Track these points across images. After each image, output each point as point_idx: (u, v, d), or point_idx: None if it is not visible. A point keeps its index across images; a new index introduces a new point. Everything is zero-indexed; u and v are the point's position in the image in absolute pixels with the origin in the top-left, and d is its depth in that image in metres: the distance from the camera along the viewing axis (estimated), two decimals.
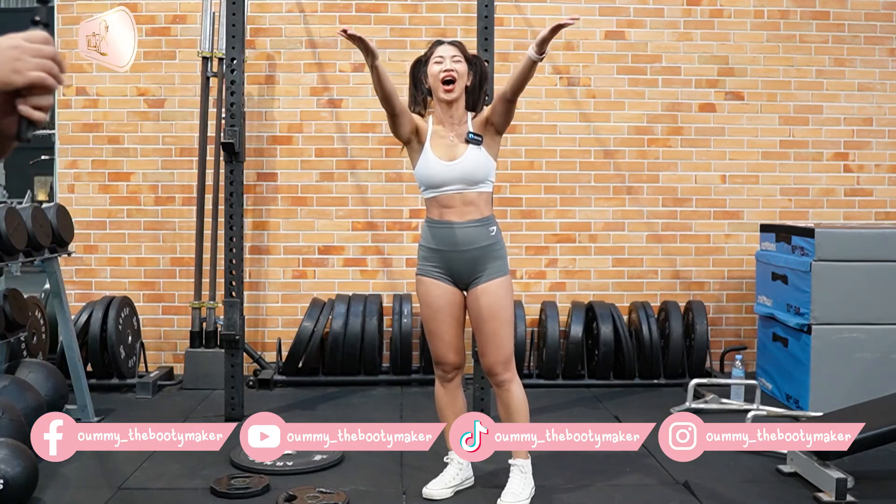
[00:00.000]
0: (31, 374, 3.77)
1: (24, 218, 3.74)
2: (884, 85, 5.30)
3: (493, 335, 3.02)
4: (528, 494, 3.08)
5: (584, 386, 4.81)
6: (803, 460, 3.23)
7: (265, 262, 5.18)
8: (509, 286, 3.06)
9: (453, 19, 5.14)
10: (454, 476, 3.17)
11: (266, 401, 4.49)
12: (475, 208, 3.01)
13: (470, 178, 2.99)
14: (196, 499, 3.09)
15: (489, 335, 3.02)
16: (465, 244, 3.00)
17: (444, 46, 3.08)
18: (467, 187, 3.00)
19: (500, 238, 3.06)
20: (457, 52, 3.04)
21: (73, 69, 5.08)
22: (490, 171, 3.03)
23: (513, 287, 3.15)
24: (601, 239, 5.25)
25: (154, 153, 5.14)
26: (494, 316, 3.01)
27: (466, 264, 3.02)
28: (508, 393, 3.08)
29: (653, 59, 5.22)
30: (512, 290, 3.11)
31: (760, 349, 4.85)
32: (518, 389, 3.10)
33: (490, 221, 3.04)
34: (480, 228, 3.00)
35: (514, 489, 3.06)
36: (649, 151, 5.25)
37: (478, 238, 3.00)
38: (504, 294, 3.03)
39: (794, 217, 5.26)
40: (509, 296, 3.07)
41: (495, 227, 3.05)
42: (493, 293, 3.00)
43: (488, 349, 3.04)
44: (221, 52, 4.78)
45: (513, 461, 3.10)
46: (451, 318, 3.09)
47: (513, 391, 3.08)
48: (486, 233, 3.01)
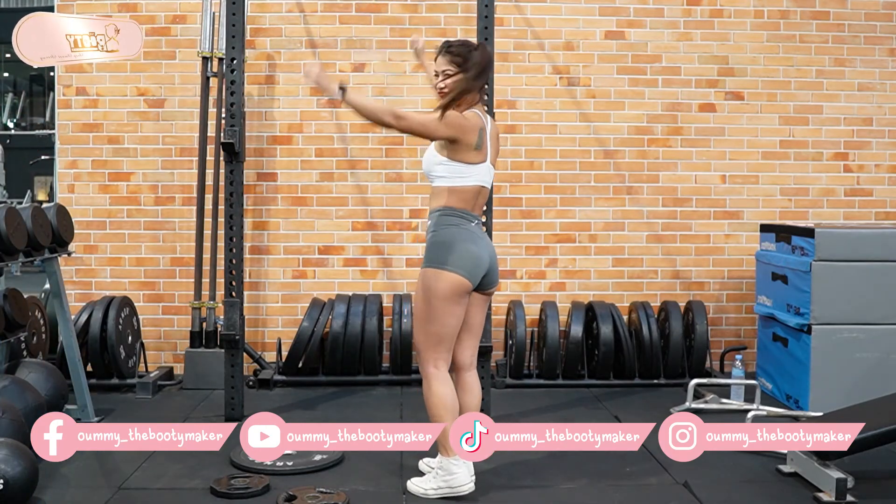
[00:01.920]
0: (31, 374, 3.77)
1: (24, 218, 3.74)
2: (884, 85, 5.30)
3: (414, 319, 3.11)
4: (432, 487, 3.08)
5: (584, 386, 4.81)
6: (803, 460, 3.23)
7: (265, 262, 5.18)
8: (428, 278, 3.00)
9: (453, 19, 5.14)
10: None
11: (266, 401, 4.49)
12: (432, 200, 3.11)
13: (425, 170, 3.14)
14: (196, 499, 3.09)
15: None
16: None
17: (440, 58, 3.10)
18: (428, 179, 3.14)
19: (430, 231, 3.07)
20: (447, 65, 3.06)
21: (72, 69, 5.08)
22: (432, 166, 3.05)
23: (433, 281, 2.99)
24: (601, 239, 5.25)
25: (154, 153, 5.14)
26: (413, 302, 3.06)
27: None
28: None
29: (653, 59, 5.22)
30: (431, 283, 2.99)
31: (760, 349, 4.85)
32: (424, 384, 3.08)
33: (431, 214, 3.08)
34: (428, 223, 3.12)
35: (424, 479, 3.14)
36: (649, 151, 5.25)
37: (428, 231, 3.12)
38: (420, 286, 3.05)
39: (794, 217, 5.26)
40: (424, 288, 3.02)
41: (433, 220, 3.07)
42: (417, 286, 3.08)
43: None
44: (221, 52, 4.78)
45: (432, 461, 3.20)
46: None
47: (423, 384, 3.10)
48: (428, 226, 3.11)
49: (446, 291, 2.99)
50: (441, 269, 2.99)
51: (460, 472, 3.05)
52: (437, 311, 3.01)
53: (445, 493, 3.06)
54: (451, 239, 3.02)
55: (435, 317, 3.02)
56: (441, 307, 3.00)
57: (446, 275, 2.98)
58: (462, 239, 3.02)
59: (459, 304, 3.03)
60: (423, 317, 3.05)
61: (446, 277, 2.99)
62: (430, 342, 3.05)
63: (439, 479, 3.08)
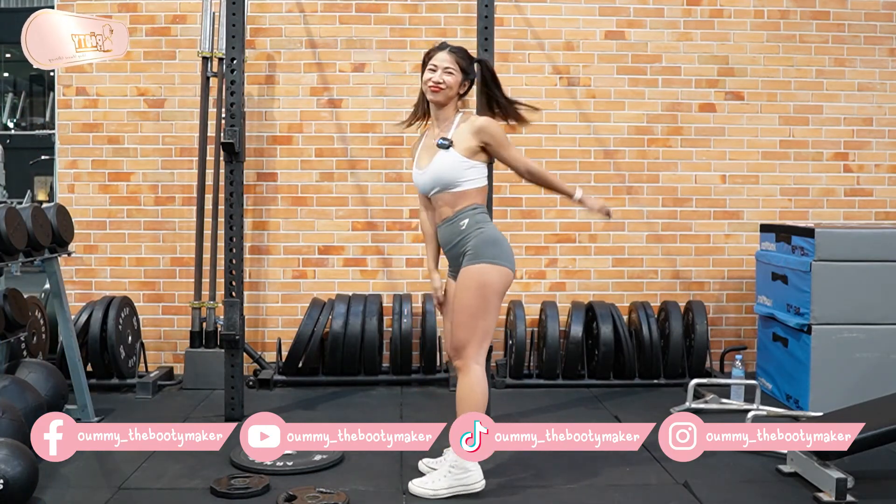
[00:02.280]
0: (31, 374, 3.77)
1: (24, 218, 3.74)
2: (884, 85, 5.30)
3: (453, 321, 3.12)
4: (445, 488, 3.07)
5: (584, 386, 4.81)
6: (803, 460, 3.23)
7: (265, 262, 5.19)
8: (484, 273, 3.02)
9: (453, 19, 5.14)
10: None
11: (266, 401, 4.49)
12: (449, 207, 3.13)
13: (441, 181, 3.11)
14: (196, 499, 3.09)
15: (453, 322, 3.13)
16: (445, 244, 3.20)
17: (442, 54, 3.14)
18: (444, 189, 3.12)
19: (471, 230, 3.07)
20: (452, 63, 3.12)
21: (72, 69, 5.08)
22: (461, 172, 3.08)
23: (491, 276, 3.02)
24: (601, 239, 5.25)
25: (154, 153, 5.15)
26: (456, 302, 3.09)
27: (451, 260, 3.21)
28: (458, 380, 3.12)
29: (653, 59, 5.22)
30: (487, 278, 3.02)
31: (760, 349, 4.85)
32: (464, 379, 3.09)
33: (460, 216, 3.09)
34: (452, 226, 3.12)
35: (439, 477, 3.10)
36: (649, 151, 5.25)
37: (451, 235, 3.13)
38: (464, 281, 3.05)
39: (794, 217, 5.26)
40: (480, 284, 3.02)
41: (467, 219, 3.09)
42: (458, 282, 3.09)
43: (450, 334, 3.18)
44: (221, 52, 4.78)
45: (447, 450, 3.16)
46: (448, 314, 3.26)
47: (461, 379, 3.10)
48: (457, 229, 3.10)
49: (501, 286, 3.06)
50: (497, 265, 3.04)
51: (475, 470, 3.08)
52: (491, 306, 3.05)
53: (458, 492, 3.06)
54: (497, 235, 3.10)
55: (488, 311, 3.05)
56: (495, 302, 3.06)
57: (502, 269, 3.04)
58: (502, 235, 3.13)
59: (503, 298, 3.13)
60: (475, 312, 3.04)
61: (502, 272, 3.04)
62: (478, 337, 3.07)
63: (452, 478, 3.07)
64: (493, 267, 3.03)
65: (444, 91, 3.10)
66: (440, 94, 3.11)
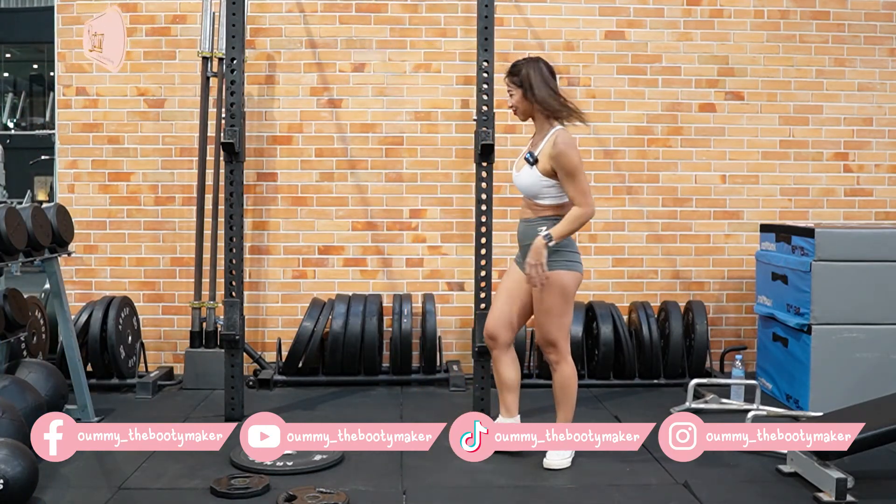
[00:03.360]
0: (31, 374, 3.78)
1: (24, 218, 3.74)
2: (884, 85, 5.30)
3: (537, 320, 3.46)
4: (570, 455, 3.42)
5: (584, 386, 4.79)
6: (803, 460, 3.23)
7: (265, 262, 5.18)
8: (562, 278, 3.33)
9: (453, 19, 5.15)
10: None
11: (266, 401, 4.49)
12: (532, 211, 3.44)
13: (523, 191, 3.45)
14: (196, 499, 3.09)
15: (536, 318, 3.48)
16: (521, 239, 3.49)
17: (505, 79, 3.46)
18: (527, 197, 3.45)
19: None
20: (508, 84, 3.44)
21: (72, 69, 5.08)
22: (541, 189, 3.36)
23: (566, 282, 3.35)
24: (601, 239, 5.25)
25: (154, 153, 5.15)
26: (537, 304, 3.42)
27: (522, 252, 3.49)
28: (554, 373, 3.51)
29: (653, 59, 5.22)
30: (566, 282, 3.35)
31: (760, 349, 4.85)
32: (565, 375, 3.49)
33: (538, 222, 3.37)
34: (530, 227, 3.40)
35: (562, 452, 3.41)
36: (649, 151, 5.25)
37: (526, 235, 3.41)
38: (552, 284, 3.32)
39: (794, 217, 5.26)
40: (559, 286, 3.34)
41: (544, 227, 3.31)
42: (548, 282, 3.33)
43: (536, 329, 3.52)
44: (221, 52, 4.78)
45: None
46: (507, 293, 3.55)
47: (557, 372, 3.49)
48: (534, 232, 3.33)
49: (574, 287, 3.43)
50: (574, 271, 3.39)
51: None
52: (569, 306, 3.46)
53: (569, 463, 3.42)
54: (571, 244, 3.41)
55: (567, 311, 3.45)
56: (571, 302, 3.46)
57: (577, 275, 3.41)
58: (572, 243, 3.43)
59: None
60: (551, 315, 3.40)
61: (577, 277, 3.42)
62: (564, 332, 3.45)
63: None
64: (571, 273, 3.38)
65: (517, 111, 3.45)
66: (518, 114, 3.47)
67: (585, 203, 3.27)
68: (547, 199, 3.37)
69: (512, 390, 3.63)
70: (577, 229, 3.32)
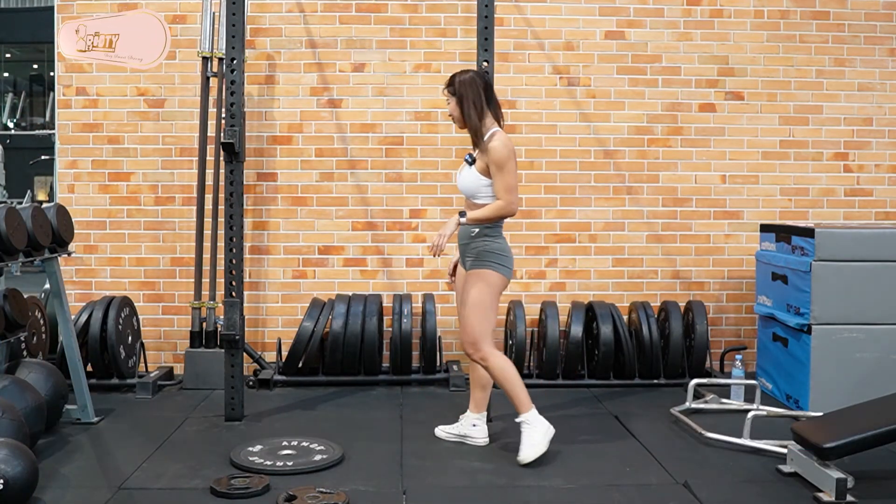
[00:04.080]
0: (31, 374, 3.77)
1: (24, 218, 3.74)
2: (884, 85, 5.30)
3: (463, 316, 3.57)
4: (541, 439, 3.47)
5: (584, 386, 4.81)
6: (803, 460, 3.23)
7: (265, 262, 5.19)
8: (481, 277, 3.51)
9: (453, 19, 5.15)
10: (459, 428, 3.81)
11: (266, 401, 4.49)
12: (468, 211, 3.55)
13: (463, 191, 3.63)
14: (196, 499, 3.09)
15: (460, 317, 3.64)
16: (459, 239, 3.67)
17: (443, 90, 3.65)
18: (466, 197, 3.61)
19: (484, 241, 3.53)
20: (446, 94, 3.62)
21: (72, 69, 5.08)
22: (479, 188, 3.52)
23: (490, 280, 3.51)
24: (601, 239, 5.26)
25: (154, 153, 5.15)
26: (464, 300, 3.56)
27: (461, 253, 3.68)
28: (487, 371, 3.58)
29: (653, 59, 5.22)
30: (485, 281, 3.51)
31: (760, 349, 4.85)
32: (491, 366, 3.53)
33: (476, 224, 3.52)
34: (466, 227, 3.56)
35: (527, 441, 3.46)
36: (649, 151, 5.25)
37: (462, 235, 3.62)
38: (472, 282, 3.53)
39: (794, 217, 5.26)
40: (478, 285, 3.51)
41: (477, 228, 3.52)
42: (475, 279, 3.54)
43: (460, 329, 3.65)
44: (221, 52, 4.79)
45: (518, 419, 3.51)
46: (458, 296, 3.73)
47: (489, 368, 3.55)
48: (469, 232, 3.56)
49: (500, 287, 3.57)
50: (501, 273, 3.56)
51: (540, 417, 3.52)
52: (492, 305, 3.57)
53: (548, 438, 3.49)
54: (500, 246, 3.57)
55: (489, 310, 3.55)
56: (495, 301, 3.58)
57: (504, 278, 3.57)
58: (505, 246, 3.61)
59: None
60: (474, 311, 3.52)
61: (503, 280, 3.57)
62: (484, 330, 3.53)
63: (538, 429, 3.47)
64: (499, 274, 3.53)
65: (454, 119, 3.62)
66: (455, 122, 3.63)
67: (507, 199, 3.45)
68: (483, 199, 3.52)
69: (483, 388, 3.80)
70: (492, 218, 3.49)
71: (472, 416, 3.80)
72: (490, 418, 4.06)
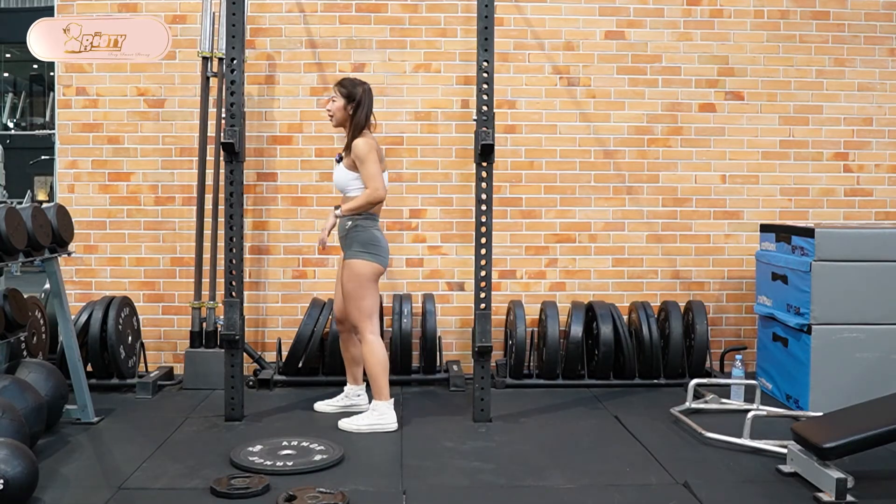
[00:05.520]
0: (31, 374, 3.77)
1: (24, 218, 3.74)
2: (884, 85, 5.30)
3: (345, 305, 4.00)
4: (369, 425, 3.88)
5: (584, 386, 4.81)
6: (803, 460, 3.23)
7: (265, 262, 5.19)
8: (350, 267, 3.91)
9: (453, 19, 5.15)
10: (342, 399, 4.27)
11: (266, 401, 4.49)
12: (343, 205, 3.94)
13: (337, 187, 4.04)
14: (196, 499, 3.09)
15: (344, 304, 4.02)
16: (338, 232, 4.01)
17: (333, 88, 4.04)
18: (340, 192, 4.02)
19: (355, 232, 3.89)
20: (336, 90, 4.00)
21: (72, 69, 5.08)
22: (348, 182, 3.93)
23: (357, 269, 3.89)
24: (601, 239, 5.26)
25: (154, 153, 5.15)
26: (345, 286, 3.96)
27: (341, 247, 4.01)
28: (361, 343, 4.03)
29: (653, 59, 5.23)
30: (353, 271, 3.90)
31: (760, 349, 4.85)
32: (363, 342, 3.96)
33: (350, 217, 3.90)
34: (342, 220, 3.94)
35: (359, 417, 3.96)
36: (649, 151, 5.25)
37: (340, 230, 3.98)
38: (345, 274, 3.94)
39: (794, 217, 5.26)
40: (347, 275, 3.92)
41: (350, 221, 3.90)
42: (346, 269, 3.94)
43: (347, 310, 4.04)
44: (221, 52, 4.79)
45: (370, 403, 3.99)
46: (337, 285, 4.14)
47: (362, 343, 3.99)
48: (344, 225, 3.94)
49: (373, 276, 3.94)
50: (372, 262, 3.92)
51: (391, 412, 3.93)
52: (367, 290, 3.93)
53: (376, 429, 3.87)
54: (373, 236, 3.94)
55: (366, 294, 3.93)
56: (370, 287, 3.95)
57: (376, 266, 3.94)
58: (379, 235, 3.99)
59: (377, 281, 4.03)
60: (352, 298, 3.93)
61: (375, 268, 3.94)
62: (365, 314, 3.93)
63: (373, 418, 3.90)
64: (366, 262, 3.90)
65: (332, 118, 4.01)
66: (332, 120, 4.03)
67: (372, 187, 3.85)
68: (353, 192, 3.92)
69: (358, 364, 4.20)
70: (363, 207, 3.86)
71: (355, 389, 4.27)
72: (490, 418, 4.07)
